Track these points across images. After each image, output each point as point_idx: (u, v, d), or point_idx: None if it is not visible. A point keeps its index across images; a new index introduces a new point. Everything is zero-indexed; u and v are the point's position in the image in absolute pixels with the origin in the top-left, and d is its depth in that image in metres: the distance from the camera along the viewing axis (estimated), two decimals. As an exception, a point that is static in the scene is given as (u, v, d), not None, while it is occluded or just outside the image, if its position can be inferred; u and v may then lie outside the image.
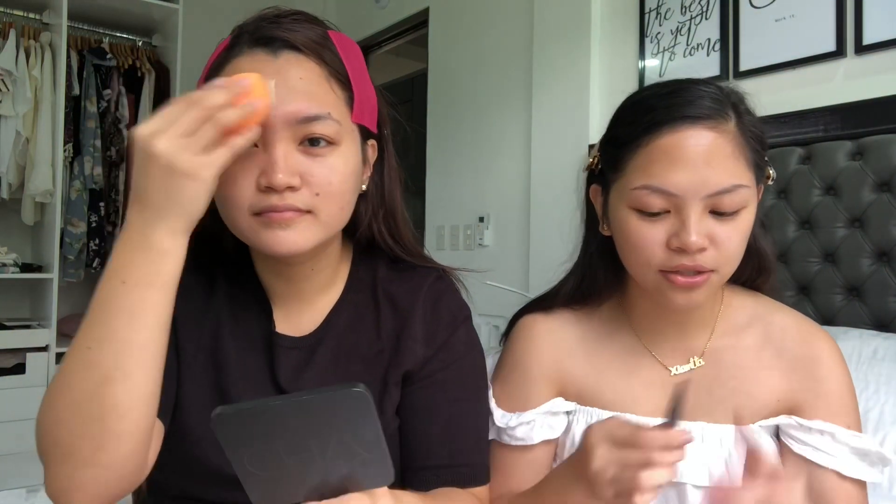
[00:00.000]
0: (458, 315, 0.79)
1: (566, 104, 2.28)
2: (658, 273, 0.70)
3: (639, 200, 0.69)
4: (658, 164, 0.67)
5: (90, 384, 0.55)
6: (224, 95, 0.55)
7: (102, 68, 2.94)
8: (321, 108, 0.65)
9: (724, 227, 0.68)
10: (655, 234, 0.69)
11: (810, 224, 1.57)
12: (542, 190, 2.38)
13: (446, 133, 2.94)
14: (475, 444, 0.78)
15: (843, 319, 1.49)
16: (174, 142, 0.53)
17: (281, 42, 0.65)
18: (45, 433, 0.58)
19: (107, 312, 0.56)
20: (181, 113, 0.54)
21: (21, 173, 2.72)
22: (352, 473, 0.50)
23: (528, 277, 2.44)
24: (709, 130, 0.67)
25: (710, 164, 0.66)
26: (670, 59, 2.00)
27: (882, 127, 1.47)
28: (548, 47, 2.36)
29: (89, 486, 0.57)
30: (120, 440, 0.56)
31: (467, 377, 0.79)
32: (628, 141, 0.71)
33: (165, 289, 0.57)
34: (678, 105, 0.68)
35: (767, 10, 1.76)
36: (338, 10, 3.78)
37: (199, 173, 0.54)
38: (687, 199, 0.67)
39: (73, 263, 2.83)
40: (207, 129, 0.54)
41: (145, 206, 0.55)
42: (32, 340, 2.60)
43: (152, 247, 0.56)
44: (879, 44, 1.54)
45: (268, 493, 0.50)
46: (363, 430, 0.48)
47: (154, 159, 0.53)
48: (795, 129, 1.61)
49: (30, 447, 2.39)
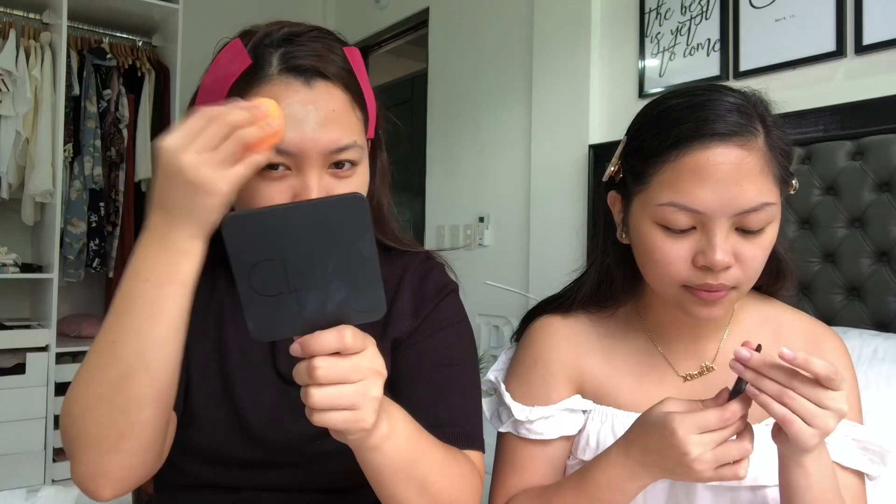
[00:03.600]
0: (443, 288, 0.83)
1: (566, 104, 2.29)
2: (680, 288, 0.70)
3: (664, 217, 0.68)
4: (686, 182, 0.66)
5: (114, 376, 0.59)
6: (245, 114, 0.58)
7: (102, 68, 2.93)
8: (350, 138, 0.69)
9: (749, 246, 0.67)
10: (680, 251, 0.68)
11: (810, 224, 1.57)
12: (542, 190, 2.38)
13: (446, 133, 2.94)
14: (461, 409, 0.78)
15: (843, 319, 1.49)
16: (197, 156, 0.56)
17: (314, 71, 0.68)
18: (72, 423, 0.61)
19: (129, 309, 0.59)
20: (204, 127, 0.57)
21: (21, 173, 2.72)
22: (346, 301, 0.52)
23: (527, 277, 2.44)
24: (738, 148, 0.66)
25: (738, 182, 0.65)
26: (670, 59, 2.00)
27: (882, 127, 1.47)
28: (548, 47, 2.36)
29: (114, 471, 0.61)
30: (142, 429, 0.60)
31: (453, 344, 0.81)
32: (654, 154, 0.70)
33: (184, 287, 0.60)
34: (706, 120, 0.67)
35: (767, 10, 1.76)
36: (338, 10, 3.78)
37: (218, 187, 0.57)
38: (714, 218, 0.66)
39: (73, 263, 2.83)
40: (229, 144, 0.57)
41: (167, 212, 0.58)
42: (32, 340, 2.60)
43: (173, 248, 0.59)
44: (879, 44, 1.55)
45: (267, 320, 0.52)
46: (360, 244, 0.50)
47: (177, 172, 0.56)
48: (795, 129, 1.61)
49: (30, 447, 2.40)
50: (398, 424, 0.61)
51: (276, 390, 0.77)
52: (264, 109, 0.59)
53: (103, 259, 2.91)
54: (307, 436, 0.74)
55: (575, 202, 2.20)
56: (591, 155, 2.15)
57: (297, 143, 0.66)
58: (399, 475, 0.62)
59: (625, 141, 0.77)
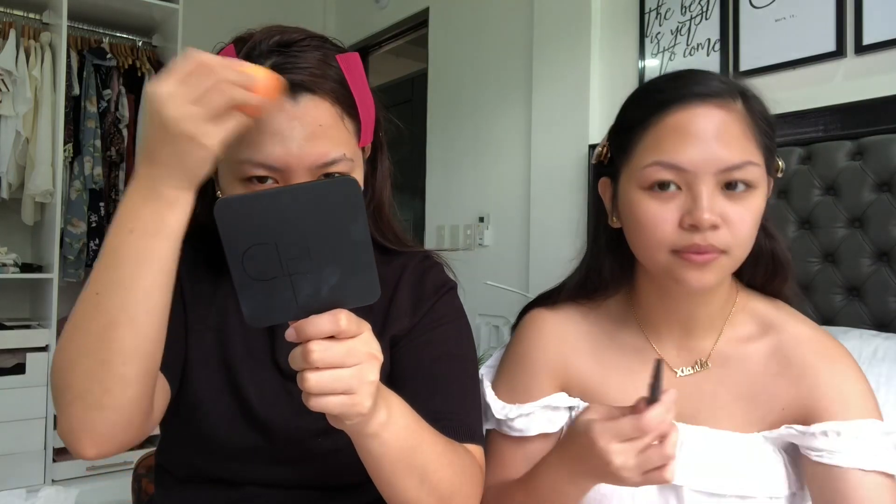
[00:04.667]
0: (441, 286, 0.84)
1: (566, 104, 2.28)
2: (670, 253, 0.69)
3: (650, 177, 0.69)
4: (668, 141, 0.68)
5: (98, 328, 0.58)
6: (236, 74, 0.57)
7: (102, 68, 2.93)
8: (338, 151, 0.69)
9: (735, 208, 0.67)
10: (667, 213, 0.68)
11: (810, 224, 1.57)
12: (542, 190, 2.38)
13: (446, 133, 2.94)
14: (461, 403, 0.78)
15: (843, 319, 1.49)
16: (184, 108, 0.55)
17: (301, 87, 0.67)
18: (58, 376, 0.60)
19: (114, 259, 0.58)
20: (194, 77, 0.55)
21: (21, 173, 2.72)
22: (340, 285, 0.52)
23: (527, 277, 2.44)
24: (718, 108, 0.68)
25: (720, 140, 0.66)
26: (670, 59, 2.00)
27: (882, 127, 1.47)
28: (548, 47, 2.36)
29: (97, 427, 0.59)
30: (125, 383, 0.59)
31: (451, 339, 0.81)
32: (637, 123, 0.72)
33: (171, 238, 0.59)
34: (687, 84, 0.69)
35: (767, 10, 1.76)
36: (337, 10, 3.78)
37: (203, 141, 0.56)
38: (698, 175, 0.67)
39: (73, 263, 2.83)
40: (217, 99, 0.56)
41: (153, 162, 0.57)
42: (32, 340, 2.60)
43: (159, 198, 0.58)
44: (879, 44, 1.55)
45: (262, 306, 0.52)
46: (354, 225, 0.50)
47: (164, 122, 0.55)
48: (795, 129, 1.62)
49: (30, 447, 2.40)
50: (396, 412, 0.61)
51: (277, 384, 0.78)
52: (255, 79, 0.58)
53: (103, 259, 2.91)
54: (310, 431, 0.75)
55: (575, 202, 2.20)
56: (592, 155, 2.15)
57: (282, 158, 0.66)
58: (399, 464, 0.62)
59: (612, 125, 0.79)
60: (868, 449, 0.69)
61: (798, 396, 0.74)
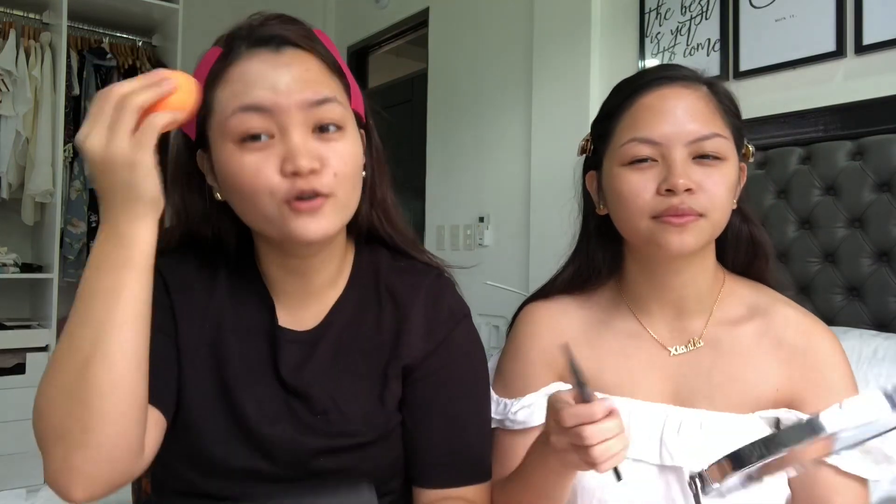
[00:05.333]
0: (457, 312, 0.81)
1: (566, 104, 2.28)
2: (651, 220, 0.74)
3: (628, 152, 0.76)
4: (642, 119, 0.76)
5: (74, 366, 0.59)
6: (137, 84, 0.59)
7: (102, 68, 2.94)
8: (330, 92, 0.69)
9: (708, 174, 0.74)
10: (646, 182, 0.74)
11: (810, 224, 1.57)
12: (542, 190, 2.38)
13: (446, 133, 2.94)
14: (476, 442, 0.79)
15: (843, 319, 1.49)
16: (101, 137, 0.57)
17: (280, 39, 0.69)
18: (39, 418, 0.60)
19: (86, 298, 0.60)
20: (98, 109, 0.58)
21: (21, 173, 2.72)
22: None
23: (527, 277, 2.44)
24: (685, 88, 0.76)
25: (689, 115, 0.74)
26: (670, 59, 2.00)
27: (882, 127, 1.47)
28: (548, 47, 2.36)
29: (82, 467, 0.59)
30: (105, 420, 0.58)
31: (468, 374, 0.80)
32: (615, 109, 0.79)
33: (138, 270, 0.60)
34: (657, 71, 0.79)
35: (767, 10, 1.76)
36: (337, 10, 3.78)
37: (132, 158, 0.57)
38: (671, 147, 0.74)
39: (73, 263, 2.83)
40: (126, 115, 0.57)
41: (107, 201, 0.60)
42: (32, 340, 2.60)
43: (120, 234, 0.60)
44: (879, 44, 1.55)
45: None
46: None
47: (93, 159, 0.57)
48: (795, 129, 1.61)
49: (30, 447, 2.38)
50: None
51: (279, 400, 0.75)
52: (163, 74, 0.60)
53: (103, 259, 2.91)
54: (312, 449, 0.73)
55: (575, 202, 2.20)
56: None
57: (272, 98, 0.66)
58: None
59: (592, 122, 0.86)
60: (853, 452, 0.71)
61: (791, 378, 0.77)
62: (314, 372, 0.76)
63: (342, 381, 0.76)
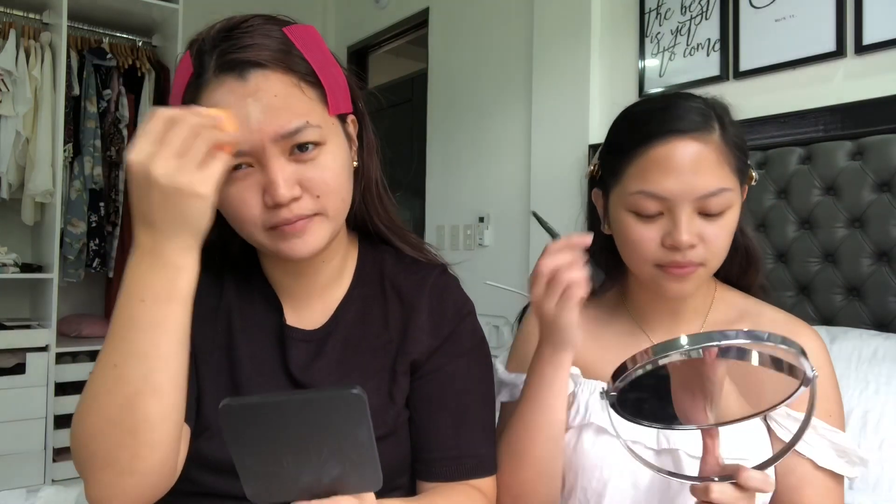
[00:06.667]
0: (462, 308, 0.83)
1: (566, 104, 2.28)
2: (654, 267, 0.78)
3: (636, 204, 0.77)
4: (652, 173, 0.76)
5: (121, 399, 0.58)
6: (203, 118, 0.58)
7: (102, 68, 2.93)
8: (300, 120, 0.67)
9: (711, 227, 0.76)
10: (651, 233, 0.77)
11: (810, 224, 1.57)
12: (542, 190, 2.38)
13: (446, 133, 2.94)
14: (482, 436, 0.80)
15: (843, 319, 1.49)
16: (170, 163, 0.56)
17: (245, 63, 0.66)
18: (82, 446, 0.61)
19: (130, 329, 0.59)
20: (167, 133, 0.56)
21: (21, 173, 2.72)
22: (342, 476, 0.52)
23: (527, 277, 2.43)
24: (695, 141, 0.75)
25: (697, 171, 0.74)
26: (670, 59, 2.00)
27: (882, 127, 1.47)
28: (548, 47, 2.36)
29: (129, 492, 0.60)
30: (154, 449, 0.60)
31: (474, 369, 0.81)
32: (625, 151, 0.79)
33: (183, 302, 0.60)
34: (669, 119, 0.77)
35: (767, 10, 1.76)
36: (337, 10, 3.78)
37: (199, 190, 0.57)
38: (677, 203, 0.75)
39: (73, 263, 2.83)
40: (199, 145, 0.57)
41: (153, 227, 0.58)
42: (32, 340, 2.60)
43: (167, 264, 0.58)
44: (879, 44, 1.55)
45: (262, 488, 0.53)
46: (357, 432, 0.51)
47: (154, 183, 0.55)
48: (795, 129, 1.61)
49: (30, 447, 2.39)
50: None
51: None
52: (218, 117, 0.60)
53: (103, 259, 2.91)
54: None
55: (575, 202, 2.20)
56: (591, 155, 2.15)
57: (245, 137, 0.65)
58: None
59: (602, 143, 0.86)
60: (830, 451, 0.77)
61: None
62: (323, 370, 0.77)
63: (351, 378, 0.77)
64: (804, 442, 0.75)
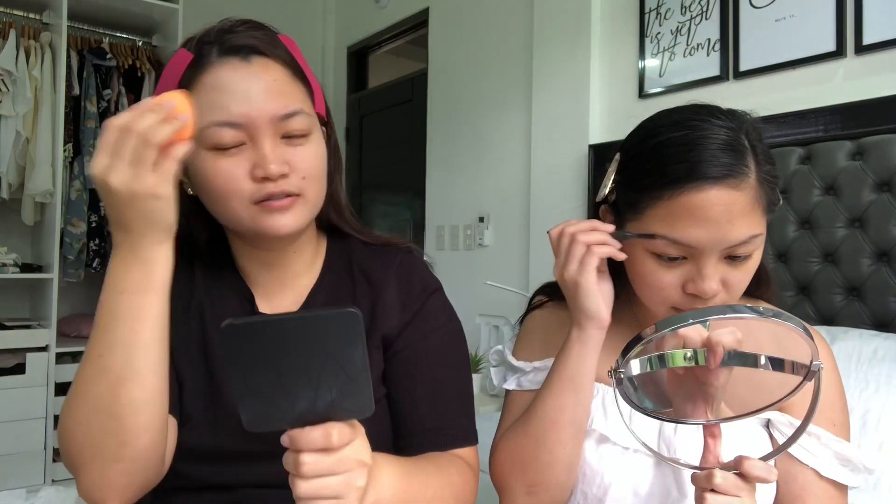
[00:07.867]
0: (429, 285, 0.85)
1: (566, 104, 2.28)
2: (671, 308, 0.75)
3: (660, 248, 0.71)
4: (681, 220, 0.69)
5: (105, 387, 0.62)
6: (153, 117, 0.60)
7: (102, 68, 2.94)
8: (296, 105, 0.72)
9: (736, 272, 0.72)
10: (672, 278, 0.72)
11: (810, 224, 1.57)
12: (542, 190, 2.38)
13: (446, 133, 2.94)
14: (459, 407, 0.82)
15: (843, 319, 1.49)
16: (125, 172, 0.59)
17: (249, 49, 0.72)
18: (71, 438, 0.64)
19: (111, 320, 0.62)
20: (120, 143, 0.59)
21: (21, 173, 2.72)
22: (336, 401, 0.54)
23: (528, 277, 2.44)
24: (730, 189, 0.68)
25: (730, 221, 0.68)
26: (670, 59, 2.00)
27: (882, 127, 1.47)
28: (548, 47, 2.36)
29: (118, 479, 0.64)
30: (139, 434, 0.63)
31: (446, 344, 0.84)
32: (648, 189, 0.72)
33: (160, 292, 0.64)
34: (700, 162, 0.69)
35: (767, 10, 1.76)
36: (338, 10, 3.78)
37: (156, 192, 0.60)
38: (705, 252, 0.70)
39: (73, 263, 2.83)
40: (149, 152, 0.59)
41: (125, 228, 0.62)
42: (32, 340, 2.60)
43: (141, 259, 0.62)
44: (879, 44, 1.55)
45: (259, 414, 0.54)
46: (352, 352, 0.53)
47: (114, 193, 0.59)
48: (795, 129, 1.62)
49: (30, 447, 2.39)
50: (385, 487, 0.63)
51: None
52: (172, 104, 0.61)
53: (103, 259, 2.91)
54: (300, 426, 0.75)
55: (575, 202, 2.20)
56: (591, 155, 2.15)
57: (245, 113, 0.69)
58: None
59: (618, 163, 0.79)
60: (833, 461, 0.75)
61: None
62: None
63: None
64: (807, 451, 0.74)
